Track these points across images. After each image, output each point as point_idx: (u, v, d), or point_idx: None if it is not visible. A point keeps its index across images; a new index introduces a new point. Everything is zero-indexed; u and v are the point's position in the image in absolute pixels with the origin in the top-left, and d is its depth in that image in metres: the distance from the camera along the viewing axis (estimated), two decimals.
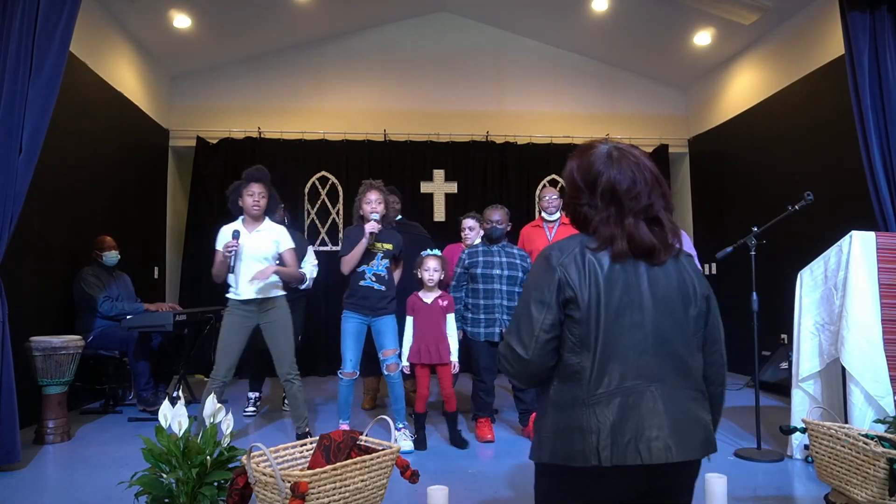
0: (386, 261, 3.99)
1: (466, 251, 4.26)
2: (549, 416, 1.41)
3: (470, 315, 4.16)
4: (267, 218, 3.97)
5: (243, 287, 3.78)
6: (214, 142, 7.18)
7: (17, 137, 3.35)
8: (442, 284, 4.09)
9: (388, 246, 4.01)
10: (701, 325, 1.46)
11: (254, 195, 3.82)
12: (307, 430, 3.90)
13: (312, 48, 7.42)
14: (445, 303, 4.00)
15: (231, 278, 3.81)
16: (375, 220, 3.88)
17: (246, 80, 7.33)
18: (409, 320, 3.99)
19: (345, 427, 3.95)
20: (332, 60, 7.46)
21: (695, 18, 6.44)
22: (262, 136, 7.21)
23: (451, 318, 4.03)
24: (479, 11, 7.47)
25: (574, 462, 1.34)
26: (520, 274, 4.15)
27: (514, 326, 1.45)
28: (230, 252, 3.67)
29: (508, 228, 4.31)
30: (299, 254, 4.93)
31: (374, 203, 3.92)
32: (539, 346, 1.40)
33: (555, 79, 7.76)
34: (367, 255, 3.92)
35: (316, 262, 5.13)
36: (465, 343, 4.17)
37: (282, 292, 3.95)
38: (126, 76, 6.15)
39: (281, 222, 4.96)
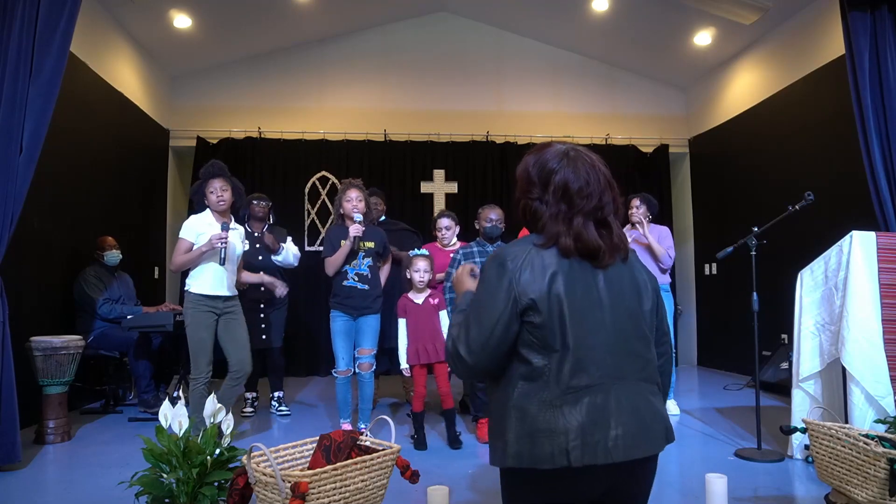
0: (369, 259, 4.00)
1: (461, 251, 4.24)
2: (511, 420, 1.36)
3: None
4: (232, 216, 3.97)
5: (212, 282, 3.77)
6: (215, 142, 7.18)
7: (18, 137, 3.35)
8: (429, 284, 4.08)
9: (370, 244, 4.01)
10: (654, 319, 1.50)
11: (216, 191, 3.84)
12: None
13: (312, 48, 7.42)
14: (436, 300, 4.00)
15: (196, 272, 3.78)
16: (359, 223, 3.89)
17: (246, 80, 7.33)
18: (402, 322, 3.98)
19: (346, 426, 3.95)
20: (332, 60, 7.46)
21: (695, 18, 6.44)
22: (262, 136, 7.22)
23: (443, 315, 4.02)
24: (479, 11, 7.47)
25: (542, 465, 1.32)
26: None
27: (463, 329, 1.41)
28: (223, 244, 3.68)
29: (504, 228, 4.32)
30: (280, 242, 4.89)
31: (354, 201, 3.94)
32: (486, 354, 1.38)
33: (555, 79, 7.76)
34: (350, 255, 3.93)
35: (296, 248, 5.05)
36: None
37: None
38: (126, 76, 6.16)
39: (264, 219, 4.97)
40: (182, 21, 6.27)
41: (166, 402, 2.23)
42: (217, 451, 2.21)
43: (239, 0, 6.25)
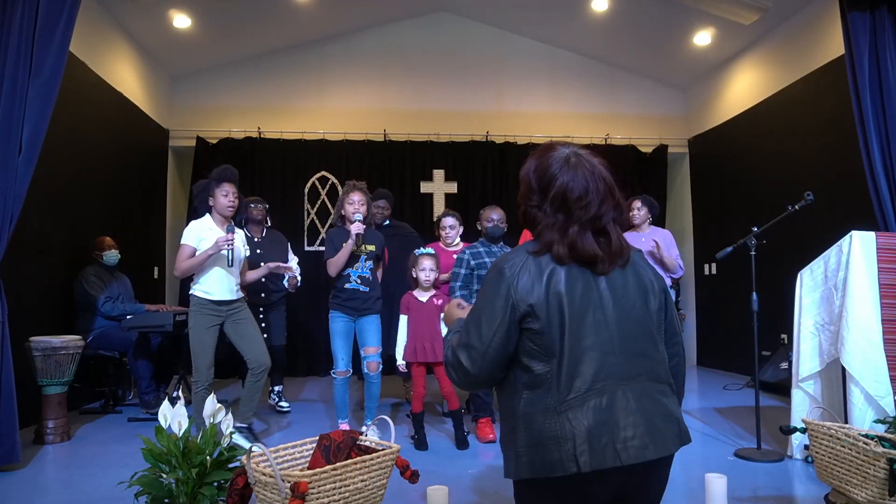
0: (370, 262, 4.02)
1: (468, 252, 4.22)
2: (520, 430, 1.36)
3: None
4: (232, 221, 3.93)
5: (218, 287, 3.77)
6: (214, 142, 7.18)
7: (17, 137, 3.35)
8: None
9: (372, 247, 4.04)
10: (662, 319, 1.48)
11: (228, 195, 3.80)
12: (249, 424, 3.86)
13: (312, 48, 7.42)
14: (440, 301, 4.00)
15: (202, 278, 3.74)
16: (359, 221, 3.90)
17: (246, 80, 7.33)
18: (404, 319, 3.99)
19: (344, 427, 3.95)
20: (331, 60, 7.46)
21: (695, 18, 6.44)
22: (262, 136, 7.21)
23: None
24: (479, 11, 7.46)
25: (553, 472, 1.31)
26: None
27: (463, 337, 1.41)
28: (228, 246, 3.68)
29: (506, 228, 4.32)
30: (280, 254, 4.92)
31: (357, 204, 3.95)
32: (487, 363, 1.38)
33: (555, 79, 7.76)
34: (352, 258, 3.94)
35: (296, 260, 5.14)
36: None
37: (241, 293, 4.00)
38: (126, 76, 6.15)
39: (262, 222, 5.00)
40: (182, 21, 6.27)
41: (166, 402, 2.22)
42: (217, 451, 2.21)
43: (239, 0, 6.25)
